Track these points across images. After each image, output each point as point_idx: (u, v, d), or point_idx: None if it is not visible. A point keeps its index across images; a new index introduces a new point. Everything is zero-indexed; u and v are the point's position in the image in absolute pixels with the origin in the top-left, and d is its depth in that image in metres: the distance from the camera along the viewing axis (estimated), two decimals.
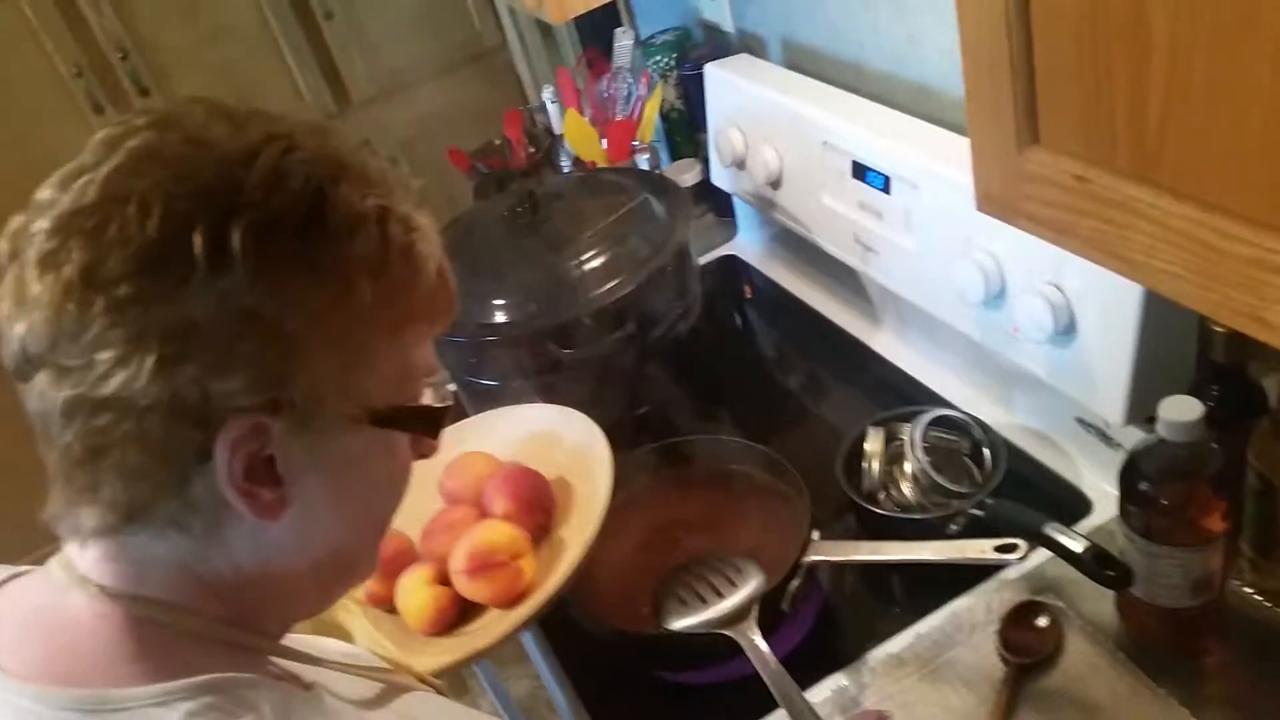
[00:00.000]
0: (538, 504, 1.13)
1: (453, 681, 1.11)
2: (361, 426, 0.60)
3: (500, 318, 1.32)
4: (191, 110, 0.58)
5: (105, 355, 0.52)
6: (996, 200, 0.71)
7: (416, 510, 1.18)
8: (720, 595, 1.02)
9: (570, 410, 1.22)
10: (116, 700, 0.56)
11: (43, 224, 0.54)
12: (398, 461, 0.65)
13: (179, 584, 0.60)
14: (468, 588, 1.05)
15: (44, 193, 0.55)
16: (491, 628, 1.03)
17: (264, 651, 0.65)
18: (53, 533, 0.60)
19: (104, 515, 0.56)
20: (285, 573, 0.63)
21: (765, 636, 0.99)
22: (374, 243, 0.58)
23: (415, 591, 1.06)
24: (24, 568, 0.65)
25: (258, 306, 0.53)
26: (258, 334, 0.54)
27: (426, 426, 0.64)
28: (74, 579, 0.60)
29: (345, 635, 0.89)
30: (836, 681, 1.03)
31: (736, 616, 1.00)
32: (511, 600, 1.05)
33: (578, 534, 1.09)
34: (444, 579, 1.07)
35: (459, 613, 1.07)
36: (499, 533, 1.07)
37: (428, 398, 0.65)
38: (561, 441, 1.21)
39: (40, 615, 0.60)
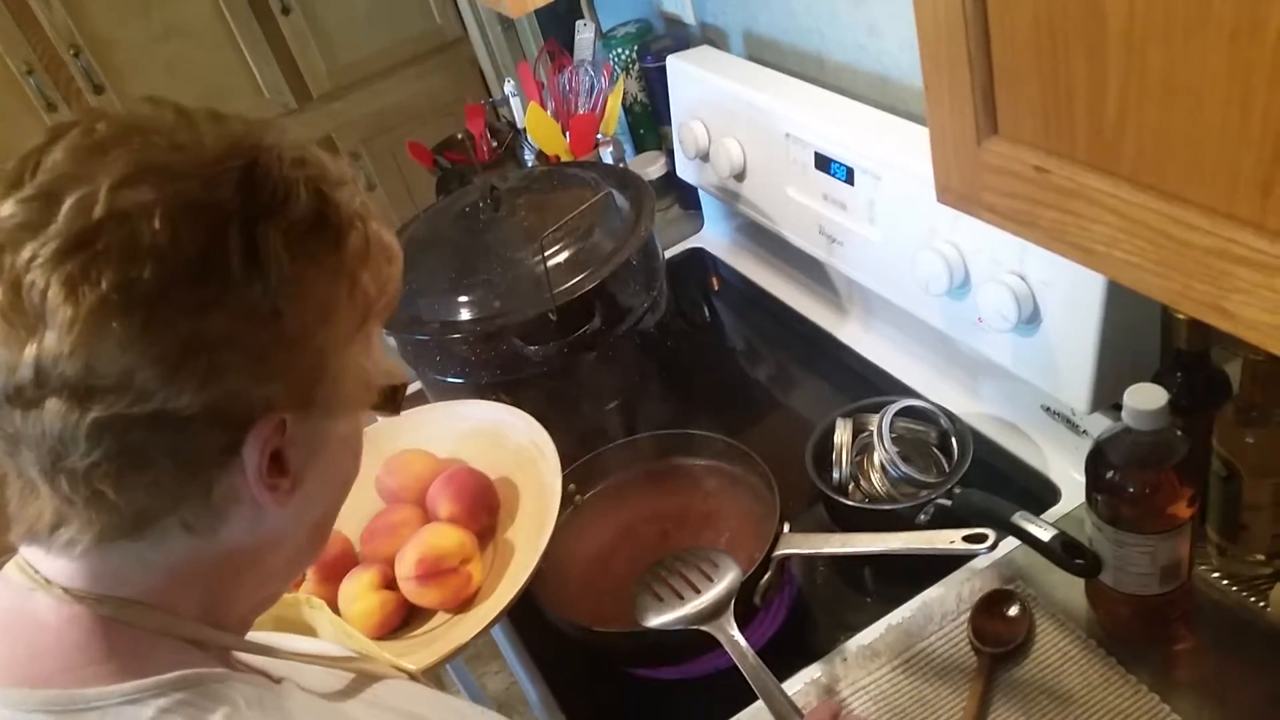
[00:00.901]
0: (483, 505, 1.13)
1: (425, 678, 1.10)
2: (361, 410, 0.63)
3: (465, 314, 1.31)
4: (158, 114, 0.57)
5: (145, 374, 0.51)
6: (956, 192, 0.71)
7: (353, 508, 1.18)
8: (696, 591, 1.02)
9: (512, 408, 1.22)
10: (87, 700, 0.55)
11: (41, 248, 0.51)
12: (358, 431, 0.68)
13: (157, 584, 0.60)
14: (416, 594, 1.04)
15: (6, 211, 0.52)
16: (443, 639, 1.02)
17: (230, 648, 0.65)
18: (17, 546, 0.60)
19: (109, 531, 0.56)
20: (267, 556, 0.64)
21: (739, 630, 0.98)
22: (363, 239, 0.60)
23: (361, 597, 1.06)
24: None
25: (286, 309, 0.54)
26: (287, 337, 0.55)
27: (389, 404, 0.67)
28: (37, 582, 0.59)
29: (310, 632, 0.88)
30: (810, 674, 1.03)
31: (713, 612, 0.99)
32: (460, 605, 1.04)
33: (528, 537, 1.08)
34: (389, 583, 1.07)
35: (405, 617, 1.07)
36: (447, 538, 1.06)
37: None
38: (503, 439, 1.21)
39: (3, 619, 0.59)
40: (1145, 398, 0.85)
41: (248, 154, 0.56)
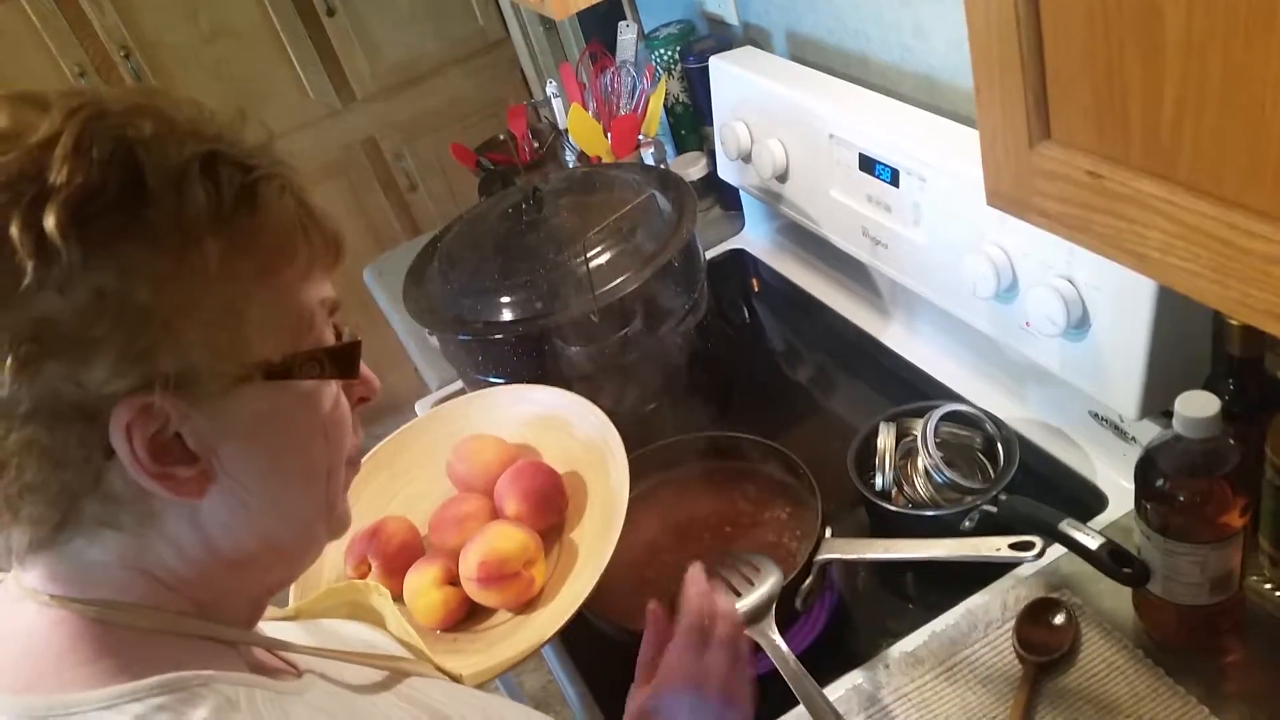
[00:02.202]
0: (551, 504, 1.11)
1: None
2: (259, 384, 0.57)
3: (506, 315, 1.31)
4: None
5: None
6: (1007, 196, 0.70)
7: (424, 492, 1.19)
8: (737, 594, 1.01)
9: (580, 399, 1.19)
10: (66, 705, 0.55)
11: None
12: (323, 410, 0.63)
13: (129, 582, 0.59)
14: (478, 594, 1.04)
15: None
16: (496, 652, 1.00)
17: (239, 643, 0.63)
18: None
19: (32, 531, 0.56)
20: (235, 551, 0.61)
21: (780, 635, 0.98)
22: (204, 194, 0.55)
23: (424, 593, 1.05)
24: None
25: (101, 286, 0.51)
26: (108, 314, 0.51)
27: (334, 368, 0.61)
28: (26, 591, 0.59)
29: (378, 618, 0.88)
30: (852, 680, 1.03)
31: (755, 615, 0.99)
32: (522, 607, 1.04)
33: (594, 541, 1.07)
34: (453, 579, 1.06)
35: (468, 612, 1.06)
36: (510, 540, 1.04)
37: (340, 335, 0.63)
38: (573, 431, 1.19)
39: None
40: (1197, 405, 0.84)
41: (57, 129, 0.53)
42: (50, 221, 0.50)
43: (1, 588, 0.62)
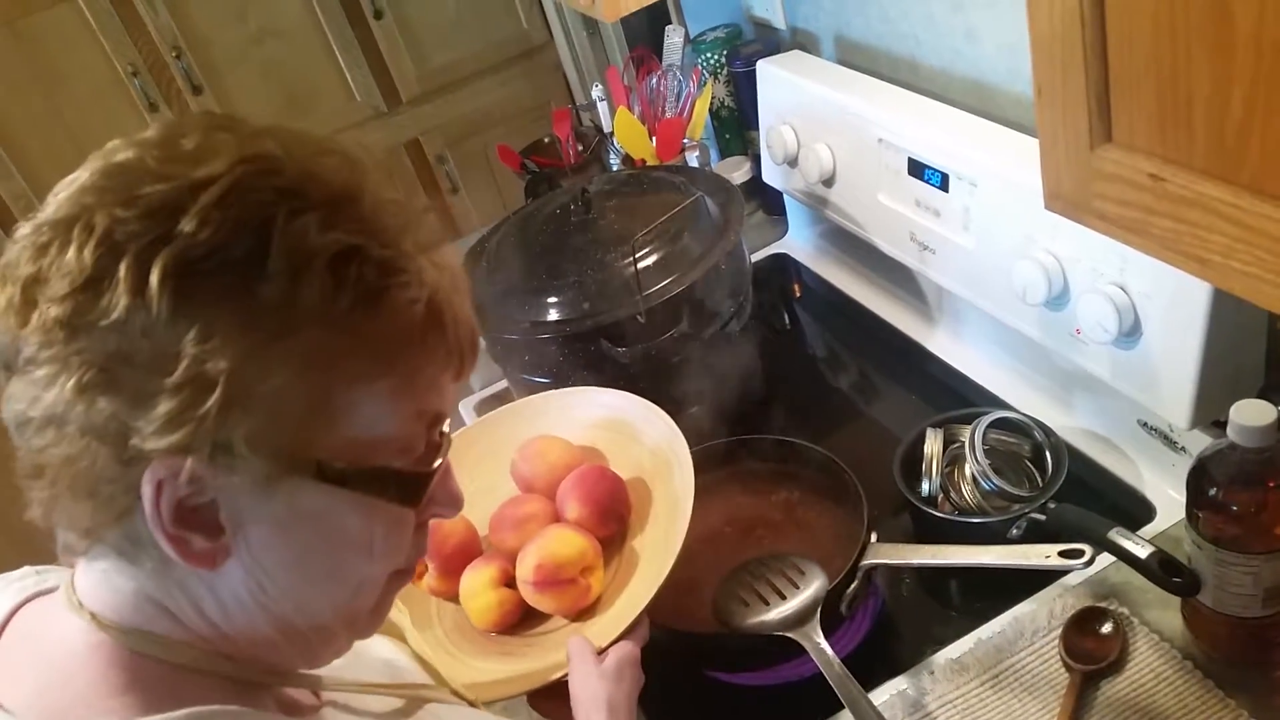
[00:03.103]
0: (613, 511, 1.08)
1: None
2: (308, 481, 0.56)
3: (554, 315, 1.32)
4: (195, 126, 0.56)
5: (39, 373, 0.52)
6: (1067, 199, 0.70)
7: (486, 490, 1.17)
8: (782, 597, 1.01)
9: (651, 405, 1.17)
10: None
11: (23, 230, 0.55)
12: (378, 526, 0.60)
13: (157, 616, 0.59)
14: (533, 598, 1.02)
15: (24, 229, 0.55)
16: (550, 658, 0.99)
17: (266, 684, 0.63)
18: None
19: (67, 531, 0.57)
20: (249, 628, 0.60)
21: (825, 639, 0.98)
22: (321, 288, 0.53)
23: (480, 594, 1.05)
24: (54, 580, 0.65)
25: (178, 345, 0.51)
26: (178, 373, 0.51)
27: (397, 492, 0.59)
28: (74, 604, 0.60)
29: (398, 632, 0.89)
30: (897, 685, 1.02)
31: (800, 618, 0.99)
32: (578, 614, 1.03)
33: (654, 552, 1.05)
34: (509, 580, 1.05)
35: (523, 615, 1.06)
36: (569, 545, 1.02)
37: (426, 454, 0.61)
38: (641, 437, 1.17)
39: (42, 643, 0.61)
40: (1253, 413, 0.83)
41: (218, 174, 0.53)
42: (156, 268, 0.51)
43: (58, 596, 0.63)
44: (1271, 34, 0.50)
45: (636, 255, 1.28)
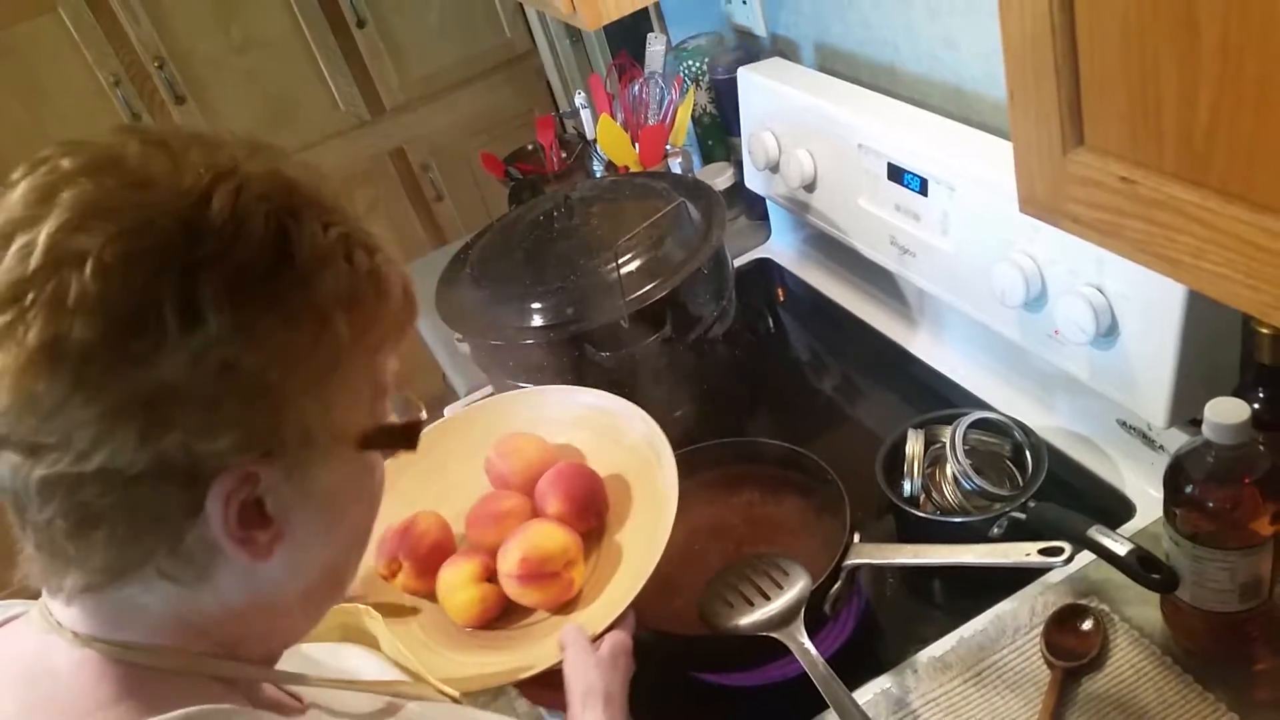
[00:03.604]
0: (592, 506, 1.10)
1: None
2: (346, 454, 0.60)
3: (537, 321, 1.33)
4: (123, 144, 0.55)
5: (83, 432, 0.50)
6: (1040, 202, 0.71)
7: (461, 486, 1.17)
8: (767, 597, 1.02)
9: (630, 404, 1.18)
10: None
11: None
12: (375, 476, 0.65)
13: (161, 627, 0.59)
14: (517, 592, 1.03)
15: None
16: (533, 653, 1.00)
17: (253, 680, 0.64)
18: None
19: (90, 577, 0.56)
20: (274, 602, 0.62)
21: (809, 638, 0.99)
22: (344, 276, 0.56)
23: (462, 588, 1.05)
24: (19, 608, 0.65)
25: (235, 359, 0.52)
26: (238, 387, 0.52)
27: (407, 442, 0.64)
28: (51, 625, 0.59)
29: (372, 641, 0.89)
30: (881, 684, 1.03)
31: (783, 619, 1.00)
32: (559, 607, 1.04)
33: (636, 549, 1.06)
34: (490, 575, 1.05)
35: (503, 610, 1.06)
36: (552, 539, 1.03)
37: (394, 408, 0.65)
38: (619, 437, 1.18)
39: (23, 665, 0.60)
40: (1227, 411, 0.84)
41: (206, 189, 0.53)
42: (206, 292, 0.51)
43: (25, 620, 0.63)
44: (1236, 41, 0.51)
45: (619, 261, 1.29)
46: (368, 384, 0.60)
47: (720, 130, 1.90)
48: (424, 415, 0.66)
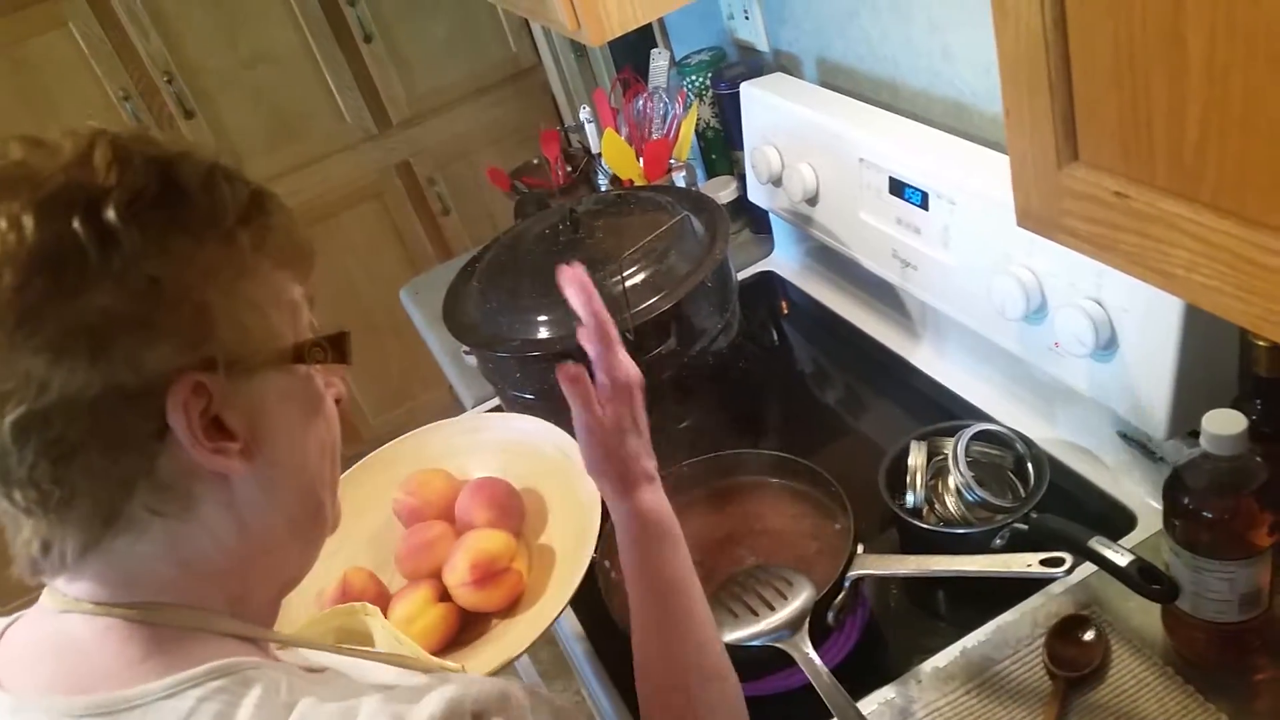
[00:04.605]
0: (513, 508, 1.16)
1: None
2: (285, 366, 0.64)
3: (543, 333, 1.34)
4: (4, 149, 0.60)
5: (35, 368, 0.54)
6: (1036, 216, 0.72)
7: (371, 538, 1.22)
8: (771, 608, 1.03)
9: (535, 419, 1.27)
10: (129, 699, 0.58)
11: None
12: (325, 401, 0.69)
13: (171, 580, 0.62)
14: (473, 598, 1.06)
15: None
16: (509, 639, 1.04)
17: (267, 640, 0.67)
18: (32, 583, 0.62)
19: (85, 529, 0.59)
20: (265, 535, 0.66)
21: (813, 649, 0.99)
22: (228, 195, 0.62)
23: (421, 615, 1.07)
24: (16, 614, 0.68)
25: (156, 274, 0.57)
26: (164, 300, 0.57)
27: (335, 354, 0.68)
28: (66, 604, 0.62)
29: (367, 638, 0.91)
30: (884, 695, 1.04)
31: (788, 629, 1.01)
32: (512, 605, 1.08)
33: (569, 535, 1.12)
34: (442, 596, 1.09)
35: (461, 627, 1.09)
36: (493, 540, 1.09)
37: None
38: (527, 453, 1.25)
39: (46, 642, 0.63)
40: (1224, 423, 0.85)
41: (85, 148, 0.59)
42: (110, 214, 0.56)
43: (39, 611, 0.65)
44: (1222, 58, 0.52)
45: (624, 274, 1.31)
46: (282, 296, 0.65)
47: (723, 144, 1.91)
48: (347, 330, 0.69)
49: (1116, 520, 1.15)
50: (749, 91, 1.62)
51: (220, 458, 0.60)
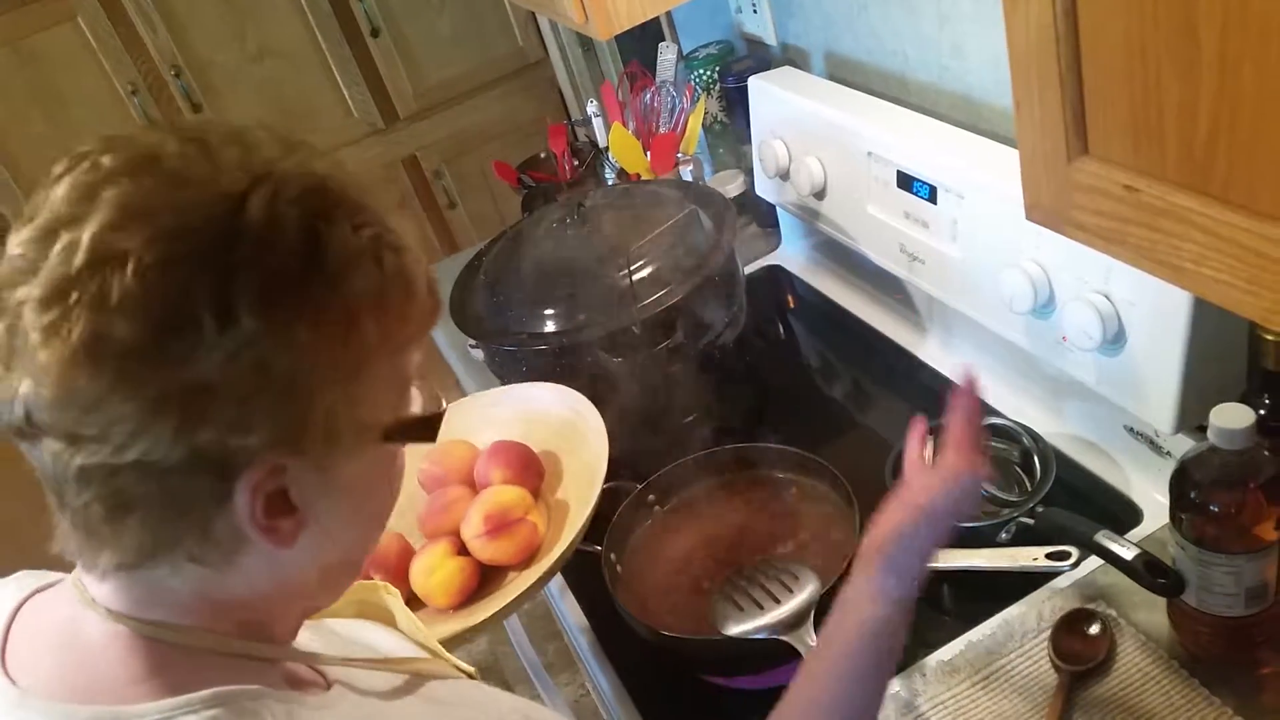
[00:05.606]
0: (531, 468, 1.18)
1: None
2: (370, 446, 0.61)
3: (550, 327, 1.34)
4: (161, 143, 0.56)
5: (122, 426, 0.52)
6: (1046, 210, 0.72)
7: (401, 505, 1.23)
8: (777, 601, 1.03)
9: (551, 385, 1.28)
10: (128, 717, 0.57)
11: (32, 291, 0.52)
12: (397, 464, 0.67)
13: (191, 608, 0.61)
14: (488, 550, 1.08)
15: (17, 248, 0.54)
16: (520, 582, 1.07)
17: (278, 659, 0.66)
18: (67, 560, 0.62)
19: (124, 557, 0.58)
20: (299, 584, 0.65)
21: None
22: (372, 278, 0.58)
23: (439, 567, 1.10)
24: (54, 577, 0.67)
25: (268, 359, 0.53)
26: (270, 386, 0.54)
27: (428, 434, 0.65)
28: (86, 599, 0.61)
29: (389, 616, 0.91)
30: (889, 688, 1.04)
31: (794, 622, 1.01)
32: (529, 557, 1.10)
33: (582, 490, 1.14)
34: (460, 551, 1.12)
35: (480, 582, 1.11)
36: (506, 494, 1.11)
37: (418, 399, 0.66)
38: (538, 418, 1.27)
39: (57, 632, 0.62)
40: (1231, 416, 0.85)
41: (243, 193, 0.54)
42: (241, 295, 0.53)
43: (59, 590, 0.65)
44: (1234, 52, 0.52)
45: (631, 268, 1.31)
46: (393, 381, 0.62)
47: (731, 138, 1.91)
48: (444, 406, 0.67)
49: (1123, 514, 1.15)
50: (757, 85, 1.62)
51: (269, 535, 0.58)
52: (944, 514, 0.82)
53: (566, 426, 1.24)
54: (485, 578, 1.12)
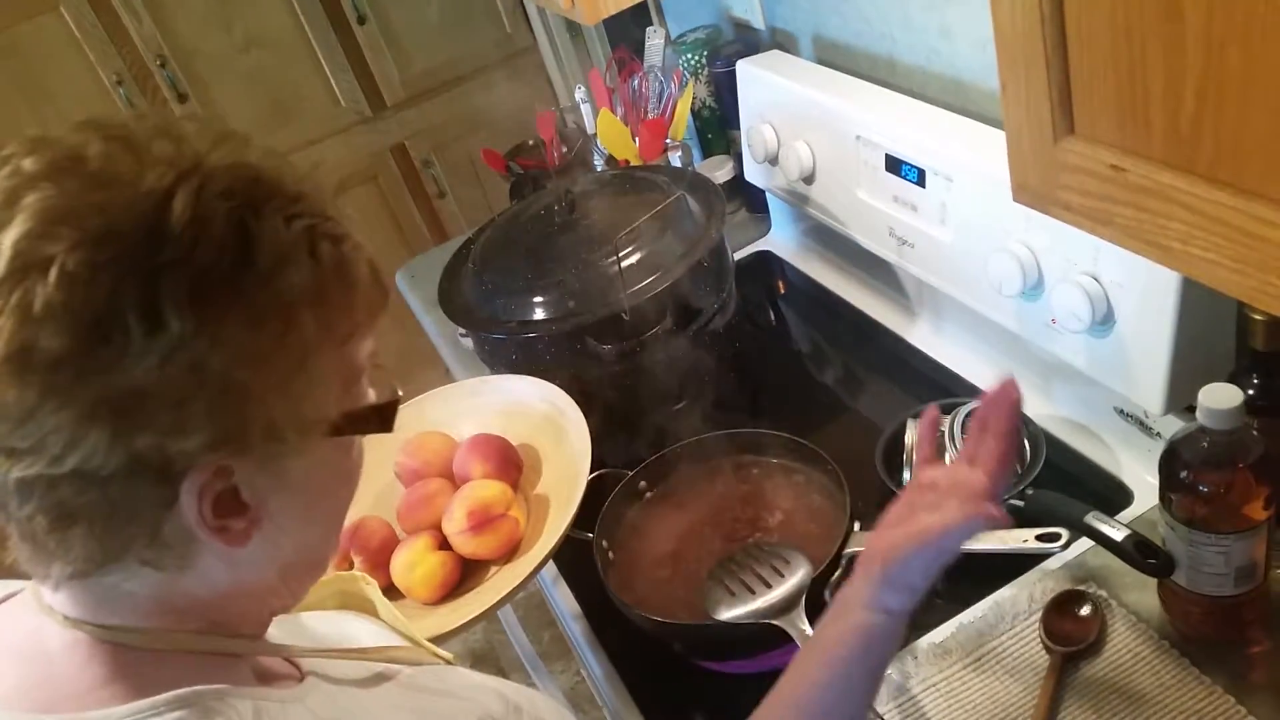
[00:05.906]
0: (511, 460, 1.19)
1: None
2: (319, 441, 0.60)
3: (539, 314, 1.34)
4: (85, 143, 0.54)
5: (56, 436, 0.51)
6: (1033, 191, 0.72)
7: (377, 496, 1.25)
8: (768, 585, 1.03)
9: (530, 379, 1.28)
10: None
11: None
12: (352, 456, 0.65)
13: (150, 610, 0.60)
14: (471, 545, 1.09)
15: None
16: (502, 581, 1.07)
17: (246, 654, 0.65)
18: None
19: (75, 566, 0.56)
20: (258, 583, 0.64)
21: (810, 626, 1.00)
22: (307, 271, 0.56)
23: (420, 562, 1.10)
24: (16, 586, 0.66)
25: (201, 361, 0.52)
26: (206, 388, 0.52)
27: (381, 424, 0.63)
28: (43, 607, 0.60)
29: (371, 607, 0.91)
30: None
31: (785, 606, 1.01)
32: (510, 551, 1.10)
33: (564, 485, 1.14)
34: (442, 545, 1.12)
35: (462, 576, 1.12)
36: (489, 489, 1.12)
37: (370, 388, 0.64)
38: (524, 412, 1.27)
39: (19, 642, 0.61)
40: (1220, 396, 0.85)
41: (168, 189, 0.53)
42: (167, 296, 0.51)
43: (20, 599, 0.64)
44: (1219, 32, 0.52)
45: (620, 254, 1.30)
46: (338, 373, 0.60)
47: (720, 123, 1.90)
48: (399, 394, 0.65)
49: (1113, 495, 1.15)
50: (745, 70, 1.62)
51: (222, 535, 0.57)
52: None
53: (545, 420, 1.24)
54: (466, 571, 1.13)
